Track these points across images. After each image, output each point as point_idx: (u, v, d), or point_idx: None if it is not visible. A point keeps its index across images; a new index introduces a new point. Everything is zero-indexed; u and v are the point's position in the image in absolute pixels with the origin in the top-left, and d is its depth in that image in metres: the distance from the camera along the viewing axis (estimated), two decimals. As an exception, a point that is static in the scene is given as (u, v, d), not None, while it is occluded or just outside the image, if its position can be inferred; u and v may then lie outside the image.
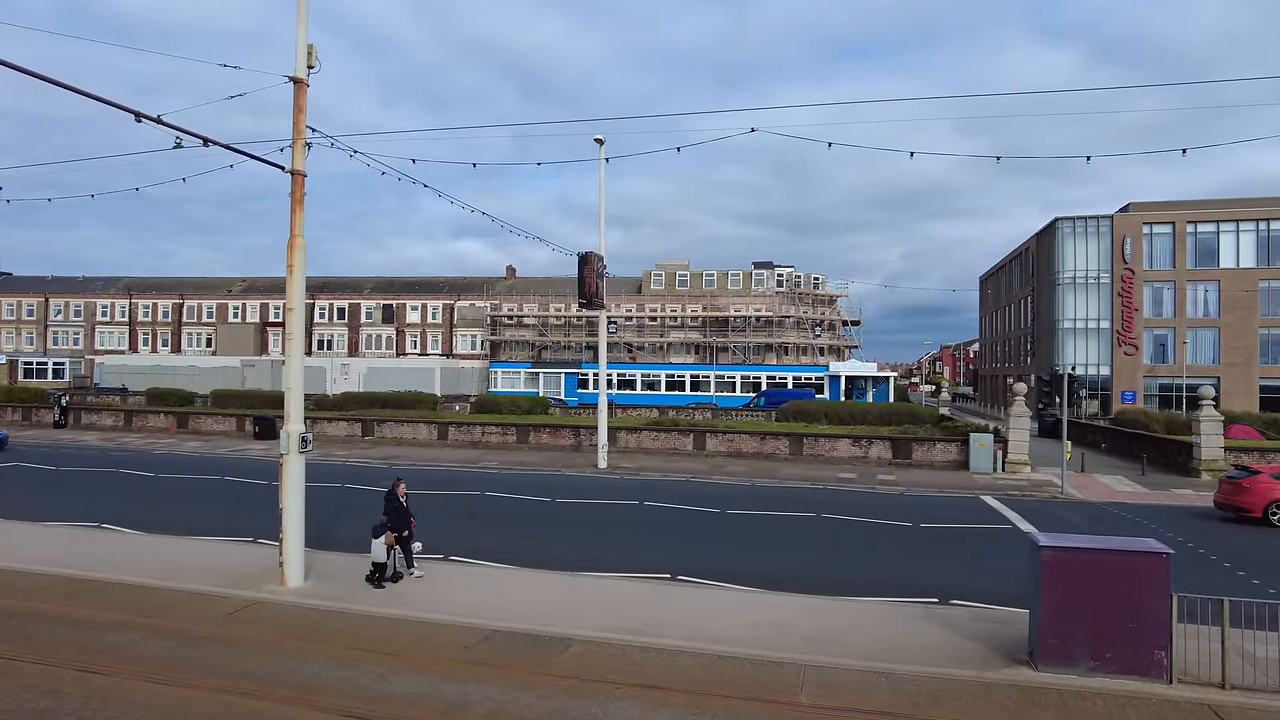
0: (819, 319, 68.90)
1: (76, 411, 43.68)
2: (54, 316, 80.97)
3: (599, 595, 12.41)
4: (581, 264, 26.37)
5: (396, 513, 12.93)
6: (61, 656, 9.46)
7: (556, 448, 33.57)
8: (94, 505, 19.83)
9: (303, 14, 12.49)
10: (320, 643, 10.14)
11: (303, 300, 12.67)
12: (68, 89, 10.05)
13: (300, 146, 12.51)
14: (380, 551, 12.51)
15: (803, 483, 25.32)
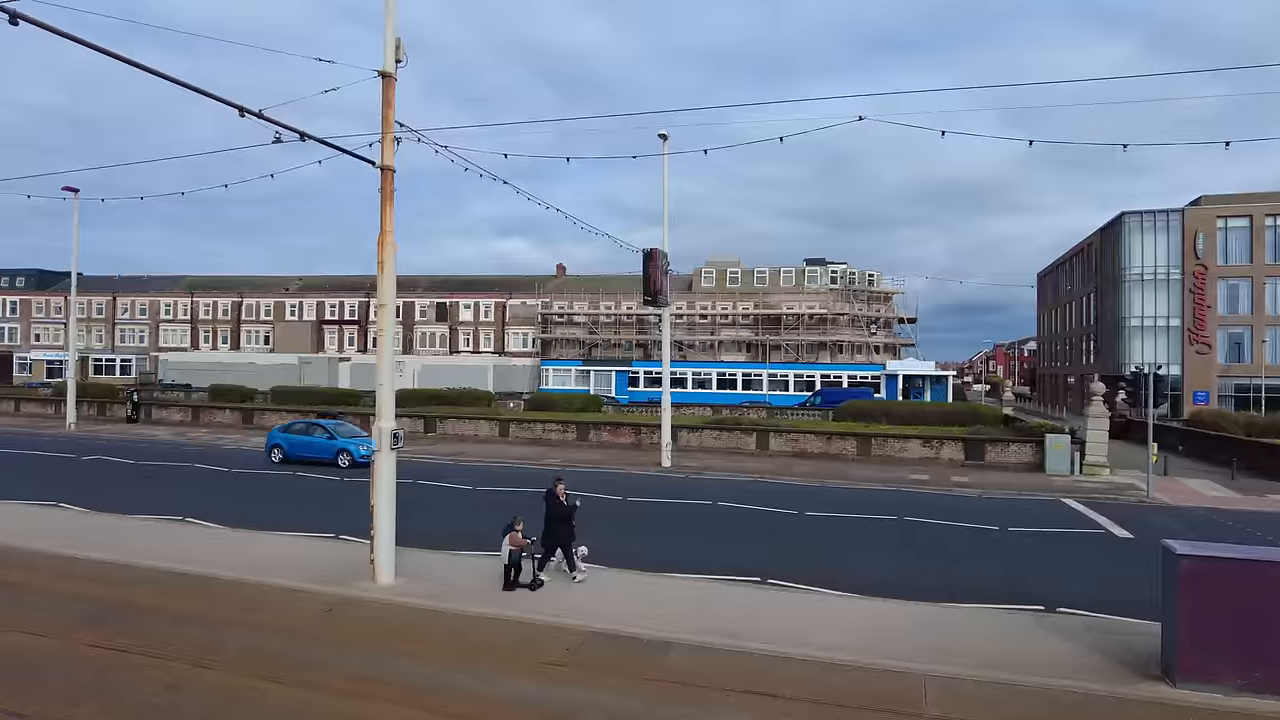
0: (874, 316, 67.77)
1: (147, 407, 44.87)
2: (121, 315, 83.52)
3: (690, 598, 12.13)
4: (646, 261, 26.13)
5: (553, 514, 12.57)
6: (174, 650, 9.49)
7: (616, 446, 33.42)
8: (175, 499, 20.17)
9: (391, 9, 12.44)
10: (422, 642, 10.03)
11: (394, 297, 12.62)
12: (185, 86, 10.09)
13: (390, 141, 12.46)
14: (506, 553, 12.08)
15: (875, 484, 24.74)
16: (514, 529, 12.07)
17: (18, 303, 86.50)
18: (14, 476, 23.82)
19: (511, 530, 12.06)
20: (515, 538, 11.99)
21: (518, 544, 12.03)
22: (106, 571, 13.13)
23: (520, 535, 12.05)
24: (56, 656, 9.42)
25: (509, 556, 11.96)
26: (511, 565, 11.97)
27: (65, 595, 11.84)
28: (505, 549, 11.99)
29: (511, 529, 12.10)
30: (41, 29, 8.05)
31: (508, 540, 12.01)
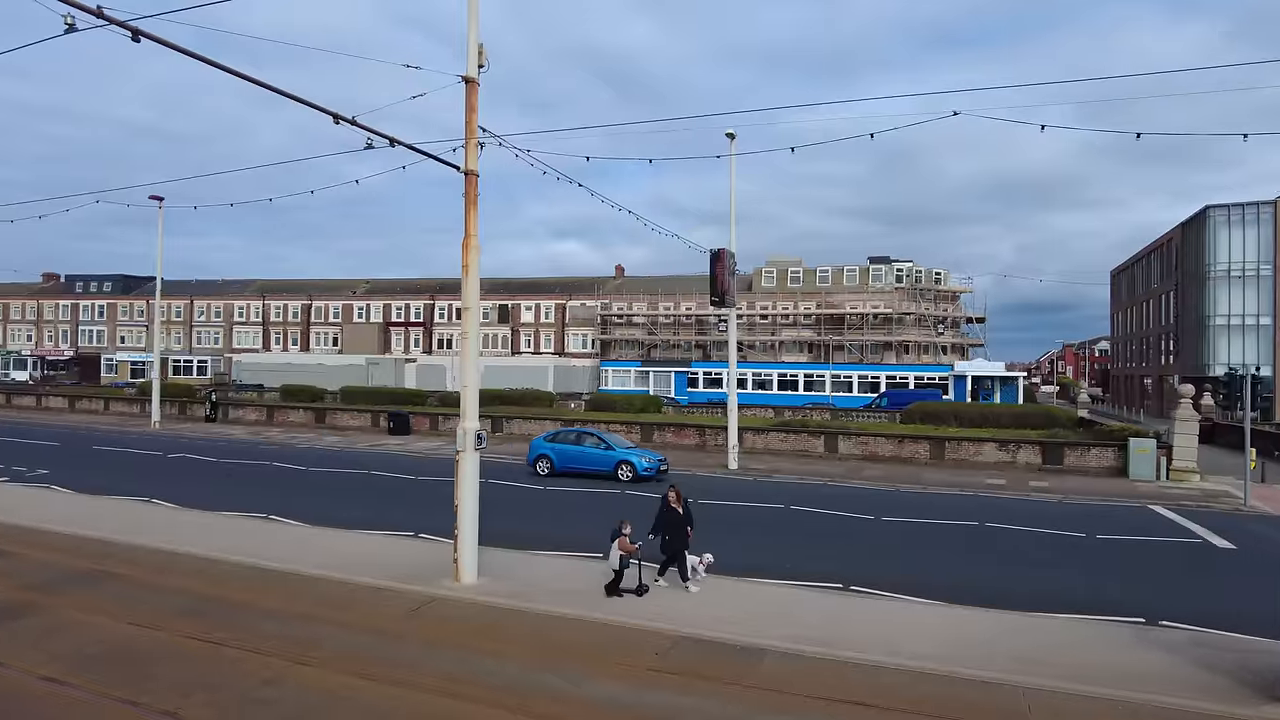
0: (941, 316, 66.15)
1: (224, 407, 46.44)
2: (198, 318, 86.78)
3: (775, 603, 11.95)
4: (713, 261, 25.96)
5: (669, 522, 12.32)
6: (272, 646, 9.73)
7: (681, 447, 33.29)
8: (257, 496, 20.78)
9: (474, 14, 12.55)
10: (508, 642, 10.08)
11: (477, 299, 12.74)
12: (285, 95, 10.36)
13: (473, 146, 12.59)
14: (615, 558, 11.82)
15: (950, 489, 24.10)
16: (622, 533, 11.84)
17: (104, 306, 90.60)
18: (110, 473, 24.88)
19: (620, 535, 11.83)
20: (624, 543, 11.75)
21: (627, 549, 11.78)
22: (201, 566, 13.57)
23: (629, 540, 11.82)
24: (162, 648, 9.75)
25: (618, 562, 11.74)
26: (620, 571, 11.77)
27: (166, 589, 12.27)
28: (614, 554, 11.78)
29: (620, 534, 11.85)
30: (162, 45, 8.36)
31: (616, 545, 11.78)
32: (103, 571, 13.22)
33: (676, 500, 12.50)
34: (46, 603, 11.50)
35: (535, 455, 26.30)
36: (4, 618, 10.75)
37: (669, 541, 12.36)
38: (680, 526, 12.36)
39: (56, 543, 15.21)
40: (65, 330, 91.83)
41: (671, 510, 12.40)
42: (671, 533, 12.31)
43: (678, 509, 12.43)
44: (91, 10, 7.76)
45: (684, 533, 12.37)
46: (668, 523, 12.36)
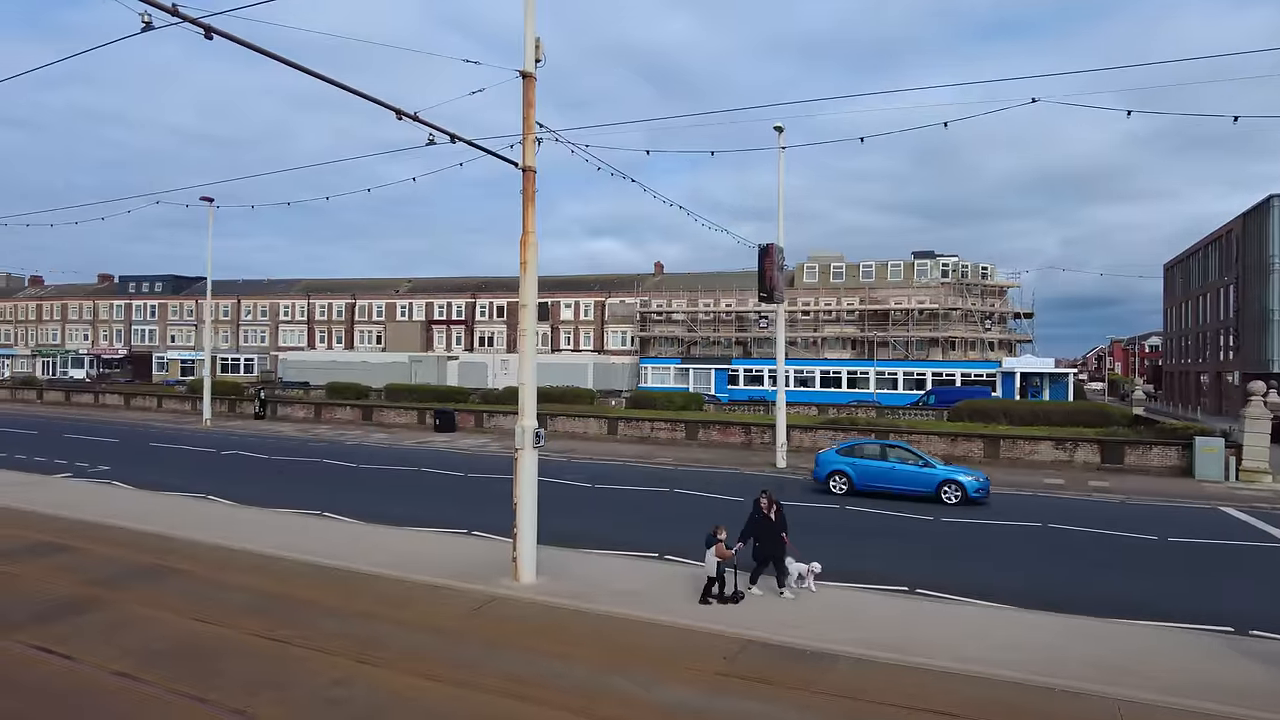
0: (987, 311, 64.77)
1: (273, 404, 47.16)
2: (244, 317, 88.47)
3: (840, 607, 11.62)
4: (762, 256, 25.58)
5: (759, 527, 11.96)
6: (336, 645, 9.68)
7: (726, 445, 32.96)
8: (310, 493, 20.96)
9: (531, 8, 12.39)
10: (574, 644, 9.91)
11: (535, 296, 12.59)
12: (352, 91, 10.31)
13: (530, 142, 12.43)
14: (712, 564, 11.42)
15: (1007, 488, 23.42)
16: (718, 540, 11.41)
17: (156, 307, 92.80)
18: (167, 470, 25.34)
19: (716, 541, 11.40)
20: (720, 549, 11.33)
21: (723, 556, 11.35)
22: (260, 563, 13.64)
23: (725, 547, 11.40)
24: (228, 645, 9.75)
25: (715, 569, 11.35)
26: (716, 579, 11.39)
27: (228, 585, 12.33)
28: (710, 560, 11.39)
29: (715, 540, 11.42)
30: (234, 43, 8.34)
31: (713, 552, 11.36)
32: (165, 567, 13.35)
33: (769, 506, 12.05)
34: (111, 597, 11.62)
35: (828, 470, 22.42)
36: (71, 612, 10.87)
37: (760, 548, 11.97)
38: (774, 533, 11.93)
39: (119, 538, 15.43)
40: (119, 330, 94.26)
41: (764, 516, 11.96)
42: (763, 539, 11.90)
43: (769, 515, 11.99)
44: (167, 8, 7.75)
45: (778, 539, 11.93)
46: (759, 529, 11.94)
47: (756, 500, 12.25)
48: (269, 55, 8.99)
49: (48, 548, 14.53)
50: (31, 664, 9.06)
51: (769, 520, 11.95)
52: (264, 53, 8.89)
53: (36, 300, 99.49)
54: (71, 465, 25.68)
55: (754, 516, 12.08)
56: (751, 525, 12.01)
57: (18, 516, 17.04)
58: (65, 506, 18.11)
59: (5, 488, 20.50)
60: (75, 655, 9.28)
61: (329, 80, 9.91)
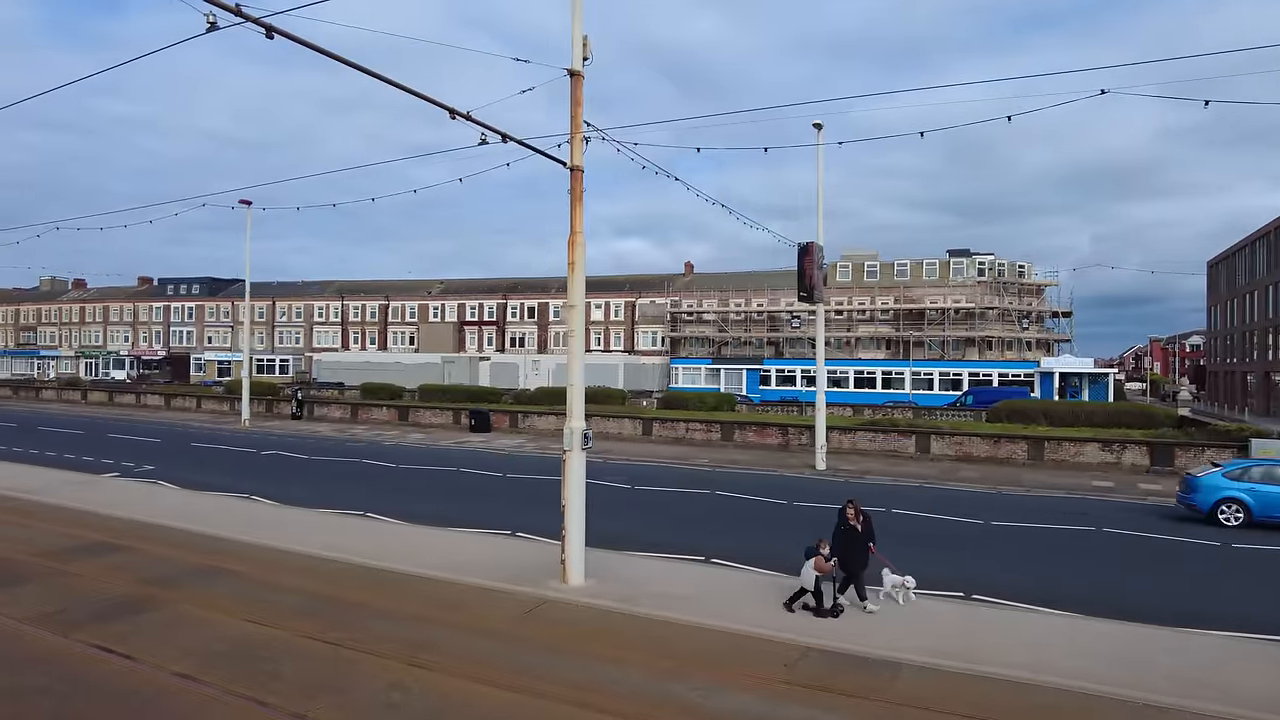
0: (1025, 310, 63.67)
1: (309, 404, 47.69)
2: (279, 318, 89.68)
3: (899, 613, 11.36)
4: (801, 255, 25.31)
5: (845, 537, 11.43)
6: (389, 648, 9.64)
7: (763, 446, 32.68)
8: (352, 494, 21.09)
9: (578, 7, 12.29)
10: (629, 650, 9.78)
11: (583, 297, 12.52)
12: (409, 91, 10.29)
13: (578, 141, 12.34)
14: (809, 577, 11.04)
15: (1054, 490, 22.97)
16: (819, 552, 11.09)
17: (193, 308, 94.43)
18: (210, 469, 25.67)
19: (816, 554, 11.08)
20: (819, 562, 10.98)
21: (823, 569, 11.02)
22: (309, 564, 13.69)
23: (825, 560, 11.06)
24: (283, 646, 9.75)
25: (811, 581, 11.01)
26: (813, 590, 11.04)
27: (279, 587, 12.38)
28: (807, 572, 11.05)
29: (816, 552, 11.10)
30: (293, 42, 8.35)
31: (812, 564, 11.02)
32: (216, 568, 13.45)
33: (855, 516, 11.52)
34: (167, 597, 11.72)
35: (1215, 497, 18.63)
36: (129, 612, 10.96)
37: (845, 559, 11.47)
38: (860, 543, 11.43)
39: (169, 538, 15.60)
40: (158, 331, 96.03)
41: (850, 527, 11.50)
42: (848, 550, 11.37)
43: (856, 525, 11.47)
44: (230, 8, 7.77)
45: (864, 550, 11.45)
46: (845, 540, 11.41)
47: (842, 510, 11.75)
48: (327, 54, 8.99)
49: (102, 547, 14.72)
50: (94, 663, 9.13)
51: (855, 531, 11.46)
52: (323, 52, 8.89)
53: (80, 303, 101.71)
54: (118, 465, 26.12)
55: (840, 527, 11.56)
56: (838, 535, 11.50)
57: (73, 516, 17.32)
58: (116, 506, 18.38)
59: (59, 487, 20.88)
60: (135, 655, 9.33)
61: (384, 79, 9.89)
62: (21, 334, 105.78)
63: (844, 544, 11.39)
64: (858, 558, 11.41)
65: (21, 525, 16.54)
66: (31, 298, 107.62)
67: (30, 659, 9.29)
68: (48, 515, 17.58)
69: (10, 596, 11.58)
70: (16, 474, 23.17)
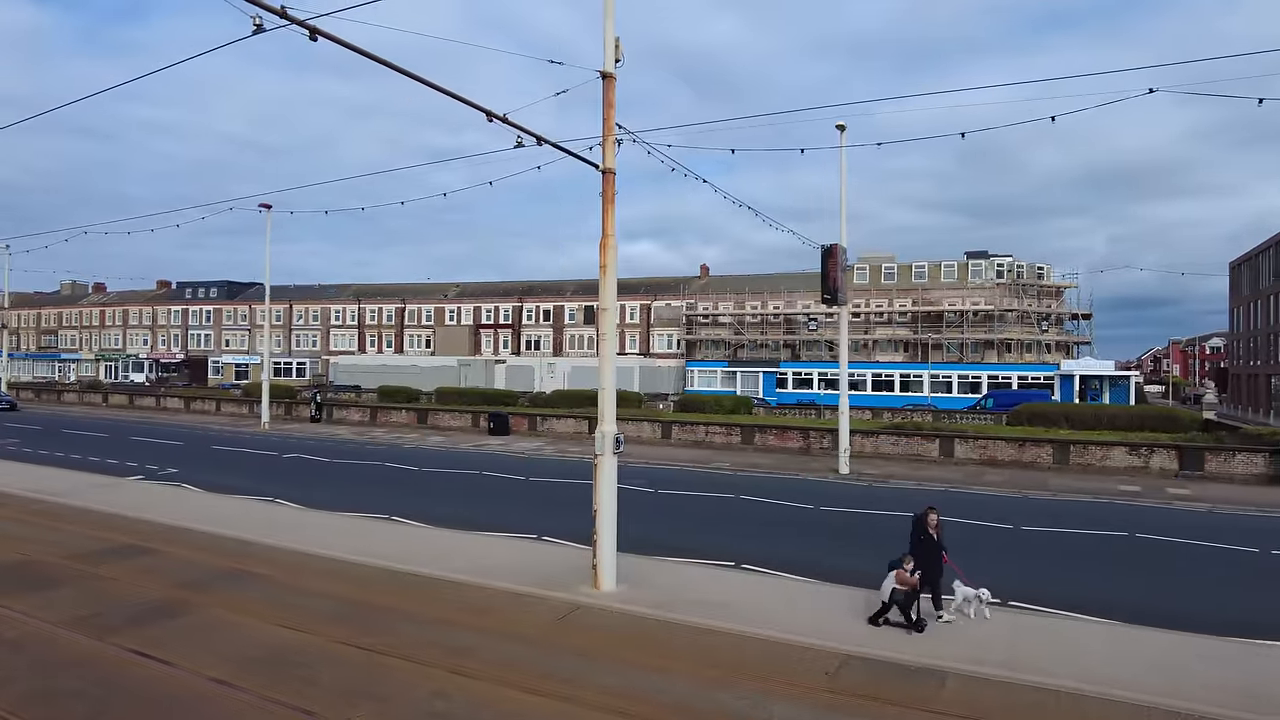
0: (1044, 312, 63.11)
1: (328, 407, 47.81)
2: (296, 321, 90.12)
3: (934, 618, 11.18)
4: (825, 257, 25.11)
5: (923, 547, 10.94)
6: (426, 654, 9.55)
7: (784, 450, 32.45)
8: (375, 497, 21.05)
9: (610, 7, 12.21)
10: (670, 657, 9.64)
11: (615, 300, 12.42)
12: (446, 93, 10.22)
13: (610, 143, 12.24)
14: (888, 589, 10.68)
15: (1083, 495, 22.65)
16: (904, 566, 10.71)
17: (211, 312, 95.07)
18: (232, 472, 25.72)
19: (900, 568, 10.71)
20: (902, 575, 10.64)
21: (906, 582, 10.62)
22: (335, 569, 13.63)
23: (909, 573, 10.66)
24: (318, 652, 9.67)
25: (891, 595, 10.68)
26: (892, 603, 10.68)
27: (308, 591, 12.32)
28: (888, 585, 10.69)
29: (900, 566, 10.74)
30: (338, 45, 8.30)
31: (893, 576, 10.68)
32: (245, 571, 13.42)
33: (935, 525, 11.08)
34: (199, 601, 11.68)
35: None
36: (163, 616, 10.93)
37: (924, 569, 10.89)
38: (936, 552, 11.02)
39: (196, 541, 15.60)
40: (176, 334, 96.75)
41: (929, 536, 11.03)
42: (927, 560, 10.89)
43: (934, 534, 11.04)
44: (276, 10, 7.73)
45: (939, 560, 11.06)
46: (925, 550, 10.93)
47: (921, 518, 11.22)
48: (371, 57, 8.94)
49: (131, 550, 14.74)
50: (131, 668, 9.09)
51: (933, 540, 11.00)
52: (367, 54, 8.83)
53: (100, 306, 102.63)
54: (142, 467, 26.22)
55: (919, 536, 11.07)
56: (917, 545, 11.03)
57: (101, 518, 17.36)
58: (142, 508, 18.43)
59: (85, 489, 20.96)
60: (171, 660, 9.28)
61: (427, 83, 9.82)
62: (43, 337, 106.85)
63: (925, 554, 10.93)
64: (934, 567, 10.98)
65: (51, 528, 16.60)
66: (53, 301, 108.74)
67: (65, 663, 9.26)
68: (76, 518, 17.64)
69: (44, 600, 11.58)
70: (43, 476, 23.30)
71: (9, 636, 10.08)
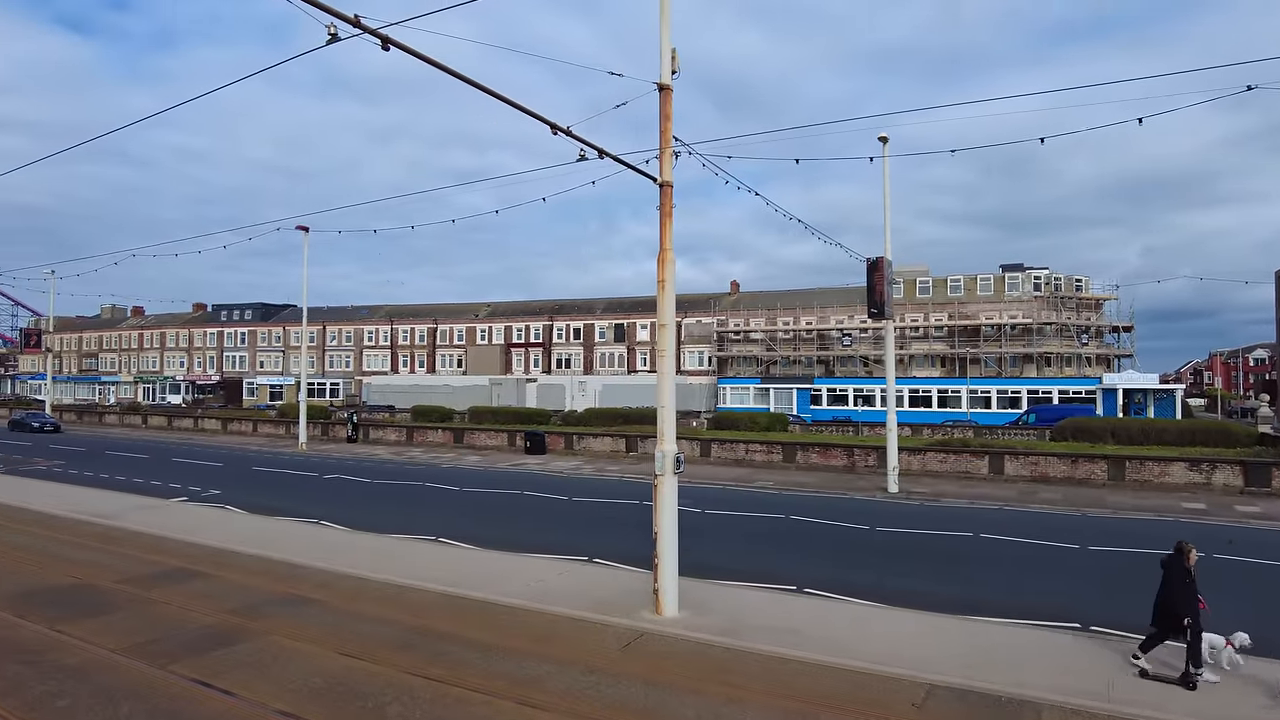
0: (1084, 325, 61.90)
1: (365, 427, 47.97)
2: (330, 342, 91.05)
3: (1012, 644, 10.66)
4: (871, 270, 24.68)
5: (1187, 591, 9.37)
6: (495, 686, 9.22)
7: (828, 468, 31.86)
8: (420, 518, 20.86)
9: (665, 18, 12.02)
10: (745, 688, 9.22)
11: (673, 316, 12.12)
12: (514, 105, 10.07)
13: (668, 156, 12.01)
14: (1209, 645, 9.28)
15: (1143, 513, 21.88)
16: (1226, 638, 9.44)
17: (245, 334, 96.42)
18: (274, 493, 25.72)
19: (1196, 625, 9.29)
20: None
21: None
22: (391, 593, 13.39)
23: None
24: (384, 683, 9.37)
25: None
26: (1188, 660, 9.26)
27: (365, 616, 12.07)
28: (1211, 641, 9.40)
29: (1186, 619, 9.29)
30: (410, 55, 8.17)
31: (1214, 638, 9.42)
32: (298, 596, 13.22)
33: (1192, 560, 9.59)
34: (254, 628, 11.47)
35: None
36: (220, 644, 10.72)
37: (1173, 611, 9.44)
38: (1193, 595, 9.42)
39: (245, 564, 15.46)
40: (212, 356, 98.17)
41: (1186, 573, 9.50)
42: (1190, 605, 9.33)
43: (1191, 574, 9.52)
44: (349, 19, 7.62)
45: (1195, 602, 9.39)
46: (1188, 592, 9.41)
47: (1178, 554, 9.62)
48: (441, 68, 8.80)
49: (182, 574, 14.62)
50: (195, 700, 8.86)
51: (1192, 581, 9.47)
52: (436, 65, 8.69)
53: (138, 330, 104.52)
54: (185, 489, 26.31)
55: (1176, 576, 9.49)
56: (1177, 587, 9.43)
57: (150, 541, 17.33)
58: (188, 531, 18.37)
59: (131, 511, 21.00)
60: (234, 690, 9.05)
61: (493, 93, 9.67)
62: (84, 360, 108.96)
63: (1187, 598, 9.38)
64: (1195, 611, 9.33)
65: (102, 550, 16.58)
66: (93, 325, 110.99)
67: (128, 692, 9.06)
68: (125, 540, 17.63)
69: (102, 625, 11.46)
70: (90, 498, 23.43)
71: (70, 663, 9.93)
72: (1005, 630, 11.45)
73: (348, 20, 7.57)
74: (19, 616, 11.78)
